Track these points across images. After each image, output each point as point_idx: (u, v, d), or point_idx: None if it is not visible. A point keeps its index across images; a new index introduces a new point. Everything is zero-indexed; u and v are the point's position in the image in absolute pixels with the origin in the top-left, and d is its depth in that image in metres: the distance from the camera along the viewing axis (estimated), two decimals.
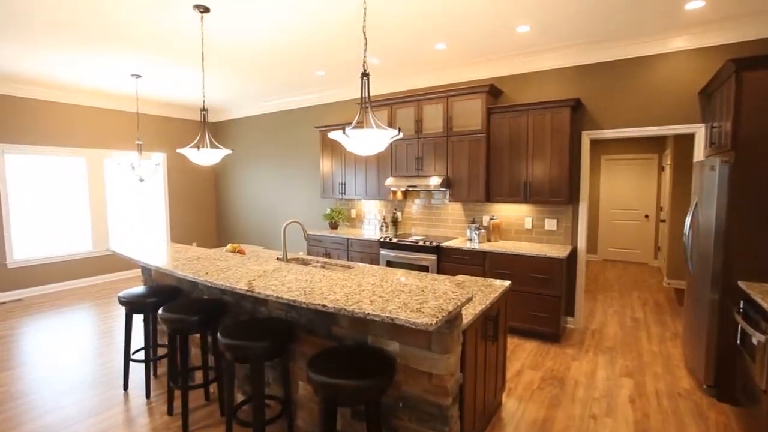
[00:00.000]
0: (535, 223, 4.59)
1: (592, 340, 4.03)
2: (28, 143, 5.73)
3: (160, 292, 2.98)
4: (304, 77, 5.40)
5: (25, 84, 5.53)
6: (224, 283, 2.18)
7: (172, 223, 7.48)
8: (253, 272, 2.42)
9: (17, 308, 5.25)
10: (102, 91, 5.97)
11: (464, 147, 4.59)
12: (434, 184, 4.64)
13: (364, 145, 2.25)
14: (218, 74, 5.15)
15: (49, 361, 3.62)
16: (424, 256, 4.60)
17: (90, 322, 4.67)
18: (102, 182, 6.50)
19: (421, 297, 1.88)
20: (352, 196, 5.60)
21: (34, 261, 5.84)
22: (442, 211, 5.21)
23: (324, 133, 5.81)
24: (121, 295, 2.92)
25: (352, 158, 5.55)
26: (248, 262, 2.72)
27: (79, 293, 5.90)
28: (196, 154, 3.12)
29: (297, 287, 2.07)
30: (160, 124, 7.23)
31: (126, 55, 4.37)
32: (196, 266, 2.62)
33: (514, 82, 4.67)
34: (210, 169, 8.11)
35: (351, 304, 1.77)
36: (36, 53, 4.26)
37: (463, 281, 2.79)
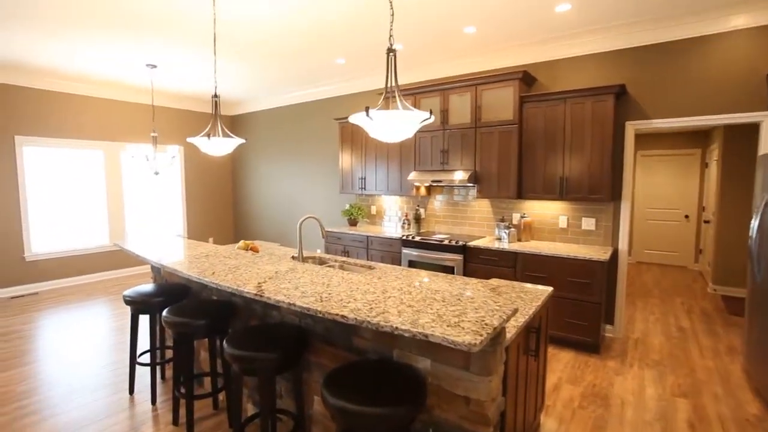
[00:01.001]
0: (570, 222, 4.22)
1: (636, 351, 3.65)
2: (46, 135, 5.66)
3: (168, 292, 2.77)
4: (324, 66, 5.14)
5: (42, 76, 5.45)
6: (231, 285, 1.94)
7: (188, 218, 7.37)
8: (264, 273, 2.17)
9: (32, 302, 5.19)
10: (118, 82, 5.86)
11: (494, 139, 4.25)
12: (461, 179, 4.32)
13: (389, 129, 1.96)
14: (235, 64, 4.94)
15: (57, 360, 3.48)
16: (450, 256, 4.29)
17: (102, 318, 4.55)
18: (119, 175, 6.41)
19: (458, 307, 1.59)
20: (373, 192, 5.33)
21: (51, 254, 5.78)
22: (468, 208, 4.88)
23: (344, 125, 5.54)
24: (127, 294, 2.72)
25: (373, 152, 5.27)
26: (260, 261, 2.48)
27: (93, 288, 5.82)
28: (206, 143, 2.90)
29: (312, 292, 1.80)
30: (177, 116, 7.11)
31: (141, 44, 4.19)
32: (203, 265, 2.39)
33: (549, 68, 4.30)
34: (227, 163, 7.96)
35: (375, 316, 1.49)
36: (51, 43, 4.13)
37: (498, 286, 2.48)
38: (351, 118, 2.01)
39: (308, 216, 2.92)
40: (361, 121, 1.95)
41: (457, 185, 4.77)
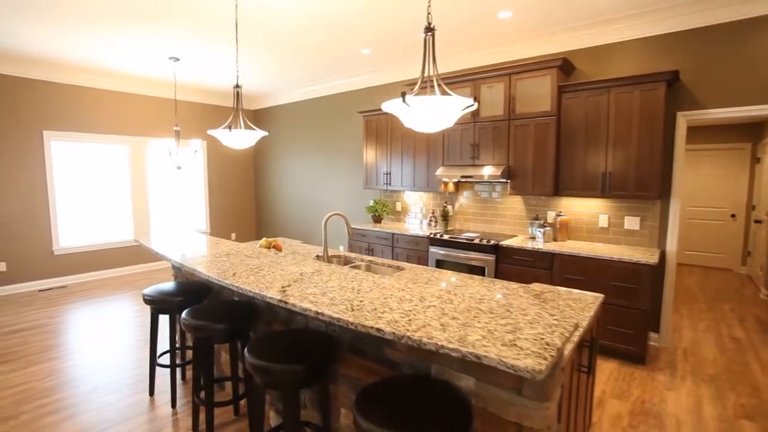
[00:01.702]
0: (612, 221, 3.92)
1: (686, 363, 3.35)
2: (73, 130, 5.69)
3: (188, 291, 2.65)
4: (348, 57, 4.95)
5: (68, 71, 5.46)
6: (253, 288, 1.78)
7: (211, 213, 7.35)
8: (288, 275, 2.01)
9: (60, 295, 5.23)
10: (142, 76, 5.84)
11: (529, 132, 3.98)
12: (492, 175, 4.07)
13: (427, 118, 1.76)
14: (257, 57, 4.81)
15: (80, 356, 3.44)
16: (480, 256, 4.05)
17: (125, 313, 4.52)
18: (144, 170, 6.42)
19: (510, 321, 1.38)
20: (398, 188, 5.13)
21: (79, 248, 5.83)
22: (499, 205, 4.63)
23: (368, 119, 5.35)
24: (146, 294, 2.61)
25: (399, 146, 5.06)
26: (283, 261, 2.32)
27: (119, 282, 5.84)
28: (228, 136, 2.76)
29: (342, 298, 1.62)
30: (199, 110, 7.07)
31: (164, 36, 4.10)
32: (223, 264, 2.25)
33: (589, 55, 3.99)
34: (250, 158, 7.90)
35: (416, 330, 1.30)
36: (77, 38, 4.08)
37: (542, 292, 2.25)
38: (385, 105, 1.81)
39: (334, 213, 2.75)
40: (396, 108, 1.75)
41: (488, 181, 4.52)
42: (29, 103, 5.33)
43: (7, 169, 5.21)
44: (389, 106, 1.79)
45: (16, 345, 3.69)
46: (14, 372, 3.18)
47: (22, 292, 5.35)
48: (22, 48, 4.55)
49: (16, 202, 5.30)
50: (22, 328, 4.12)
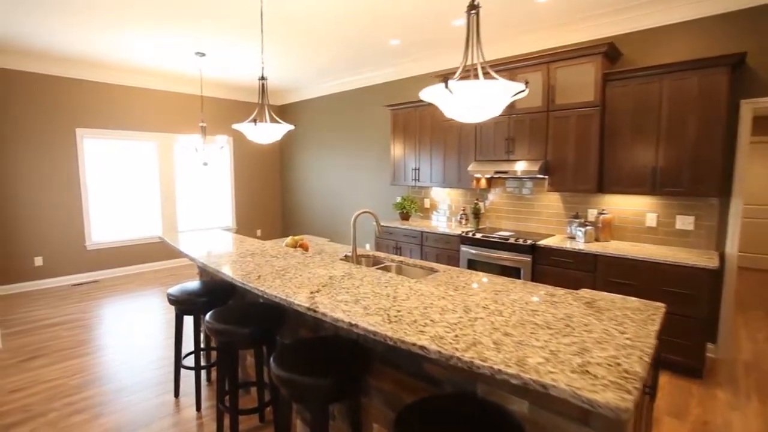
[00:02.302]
0: (661, 220, 3.61)
1: (749, 379, 3.03)
2: (103, 127, 5.76)
3: (213, 291, 2.56)
4: (376, 48, 4.78)
5: (99, 68, 5.52)
6: (279, 293, 1.65)
7: (237, 209, 7.35)
8: (316, 278, 1.87)
9: (92, 290, 5.31)
10: (169, 73, 5.85)
11: (570, 125, 3.71)
12: (529, 171, 3.82)
13: (472, 106, 1.57)
14: (282, 51, 4.70)
15: (110, 353, 3.43)
16: (516, 257, 3.82)
17: (154, 310, 4.53)
18: (171, 167, 6.46)
19: (573, 339, 1.19)
20: (427, 184, 4.93)
21: (109, 244, 5.93)
22: (534, 202, 4.36)
23: (396, 112, 5.17)
24: (171, 294, 2.54)
25: (428, 141, 4.86)
26: (311, 263, 2.19)
27: (147, 277, 5.91)
28: (253, 130, 2.64)
29: (376, 307, 1.46)
30: (225, 106, 7.07)
31: (190, 31, 4.04)
32: (247, 266, 2.13)
33: (636, 40, 3.67)
34: (275, 154, 7.86)
35: (465, 349, 1.12)
36: (107, 35, 4.08)
37: (593, 299, 2.02)
38: (424, 93, 1.63)
39: (363, 211, 2.59)
40: (436, 96, 1.57)
41: (524, 177, 4.26)
42: (63, 101, 5.42)
43: (44, 166, 5.32)
44: (429, 93, 1.61)
45: (50, 339, 3.74)
46: (47, 367, 3.20)
47: (58, 286, 5.47)
48: (57, 47, 4.60)
49: (52, 198, 5.42)
50: (56, 322, 4.18)
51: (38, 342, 3.67)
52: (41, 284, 5.40)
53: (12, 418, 2.56)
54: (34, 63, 5.10)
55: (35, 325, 4.10)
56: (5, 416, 2.59)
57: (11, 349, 3.54)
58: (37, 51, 4.80)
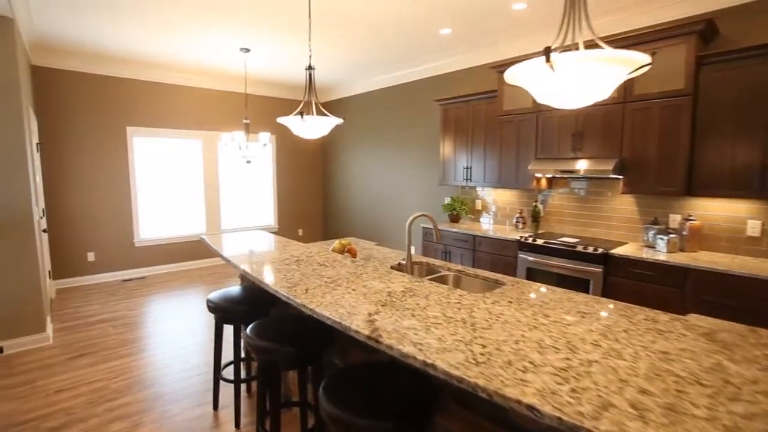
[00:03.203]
0: (766, 228, 3.05)
1: None
2: (151, 126, 5.83)
3: (255, 298, 2.36)
4: (426, 39, 4.46)
5: (148, 67, 5.58)
6: (332, 315, 1.39)
7: (279, 208, 7.28)
8: (372, 294, 1.60)
9: (140, 287, 5.37)
10: (214, 70, 5.82)
11: (652, 117, 3.23)
12: (600, 170, 3.38)
13: (579, 84, 1.23)
14: (326, 45, 4.50)
15: (152, 355, 3.36)
16: (584, 267, 3.39)
17: (196, 310, 4.47)
18: (215, 164, 6.47)
19: (749, 406, 0.83)
20: (480, 184, 4.57)
21: (156, 241, 6.00)
22: (602, 205, 3.89)
23: (447, 108, 4.83)
24: (211, 300, 2.36)
25: (482, 137, 4.49)
26: (363, 273, 1.92)
27: (191, 275, 5.92)
28: (299, 124, 2.42)
29: (454, 339, 1.17)
30: (268, 104, 7.00)
31: (235, 27, 3.92)
32: (293, 275, 1.90)
33: (736, 16, 3.13)
34: (318, 152, 7.73)
35: (596, 415, 0.80)
36: (156, 34, 4.05)
37: (712, 330, 1.61)
38: (515, 71, 1.31)
39: (420, 214, 2.30)
40: (528, 75, 1.25)
41: (591, 177, 3.80)
42: (115, 101, 5.52)
43: (98, 164, 5.44)
44: (517, 73, 1.28)
45: (98, 336, 3.73)
46: (92, 367, 3.15)
47: (108, 282, 5.58)
48: (109, 47, 4.65)
49: (104, 195, 5.53)
50: (104, 318, 4.20)
51: (86, 339, 3.67)
52: (93, 279, 5.54)
53: (54, 422, 2.49)
54: (88, 63, 5.21)
55: (85, 321, 4.13)
56: (48, 419, 2.52)
57: (62, 345, 3.56)
58: (91, 52, 4.88)
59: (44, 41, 4.54)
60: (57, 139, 5.15)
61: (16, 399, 2.73)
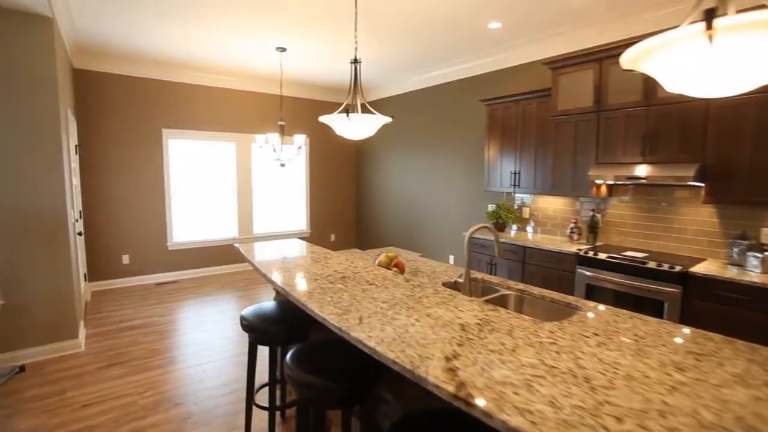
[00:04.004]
0: None
1: None
2: (186, 128, 5.78)
3: (293, 316, 2.12)
4: (473, 34, 4.15)
5: (183, 69, 5.53)
6: (399, 359, 1.10)
7: (311, 213, 7.11)
8: (442, 327, 1.31)
9: (173, 290, 5.29)
10: (249, 72, 5.72)
11: (744, 115, 2.80)
12: (679, 176, 2.97)
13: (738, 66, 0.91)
14: (365, 43, 4.26)
15: (181, 368, 3.19)
16: (657, 286, 2.98)
17: (227, 319, 4.31)
18: (248, 167, 6.36)
19: None
20: (529, 190, 4.20)
21: (189, 244, 5.93)
22: (674, 216, 3.45)
23: (493, 108, 4.50)
24: (245, 317, 2.13)
25: (532, 140, 4.13)
26: (423, 296, 1.64)
27: (223, 280, 5.81)
28: (344, 123, 2.17)
29: (571, 405, 0.86)
30: (303, 106, 6.86)
31: (271, 24, 3.75)
32: (341, 297, 1.64)
33: None
34: (352, 154, 7.52)
35: None
36: (192, 34, 3.94)
37: None
38: (637, 51, 1.00)
39: (481, 226, 2.01)
40: (676, 47, 0.93)
41: (666, 184, 3.37)
42: (152, 103, 5.49)
43: (134, 166, 5.43)
44: (655, 48, 0.97)
45: (128, 345, 3.61)
46: (121, 379, 3.01)
47: (142, 285, 5.54)
48: (147, 48, 4.60)
49: (140, 198, 5.51)
50: (136, 325, 4.09)
51: (117, 347, 3.56)
52: (127, 282, 5.51)
53: None
54: (126, 66, 5.20)
55: (117, 326, 4.04)
56: None
57: (93, 352, 3.45)
58: (129, 54, 4.85)
59: (84, 44, 4.53)
60: (95, 142, 5.15)
61: (45, 412, 2.60)
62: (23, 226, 3.17)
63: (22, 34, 3.07)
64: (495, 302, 2.30)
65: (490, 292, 2.37)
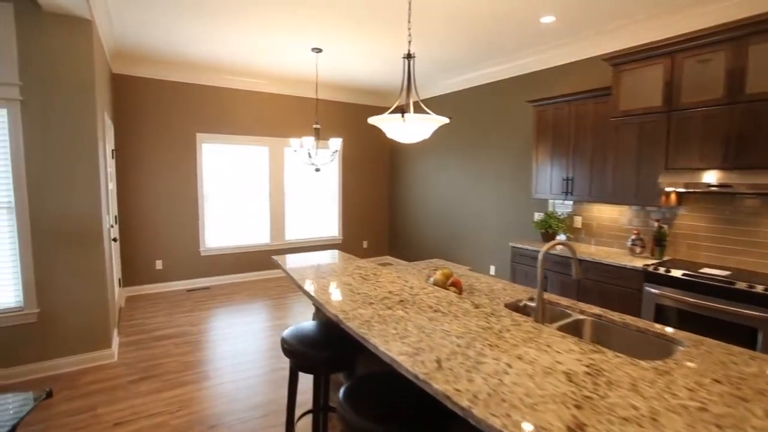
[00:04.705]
0: None
1: None
2: (219, 132, 5.71)
3: (338, 342, 1.89)
4: (524, 29, 3.85)
5: (217, 72, 5.47)
6: (504, 425, 0.84)
7: (343, 219, 6.93)
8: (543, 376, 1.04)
9: (204, 298, 5.20)
10: (283, 74, 5.60)
11: None
12: None
13: None
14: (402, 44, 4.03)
15: (214, 384, 3.03)
16: (749, 311, 2.59)
17: (262, 329, 4.15)
18: (281, 172, 6.24)
19: None
20: (583, 198, 3.85)
21: (221, 250, 5.85)
22: (759, 229, 3.03)
23: (542, 109, 4.18)
24: (286, 340, 1.92)
25: (587, 143, 3.79)
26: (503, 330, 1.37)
27: (254, 287, 5.69)
28: (397, 125, 1.94)
29: None
30: (339, 109, 6.70)
31: (307, 24, 3.58)
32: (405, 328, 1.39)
33: None
34: (385, 159, 7.29)
35: None
36: (227, 36, 3.83)
37: None
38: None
39: (556, 242, 1.74)
40: None
41: (757, 192, 2.97)
42: (186, 107, 5.45)
43: (168, 171, 5.39)
44: None
45: (160, 356, 3.49)
46: (153, 395, 2.87)
47: (174, 291, 5.48)
48: (182, 52, 4.54)
49: (174, 202, 5.47)
50: (168, 334, 3.99)
51: (149, 358, 3.44)
52: (160, 287, 5.46)
53: None
54: (162, 70, 5.18)
55: (150, 335, 3.94)
56: None
57: (125, 363, 3.34)
58: (165, 57, 4.81)
59: (122, 48, 4.51)
60: (130, 146, 5.13)
61: (75, 431, 2.47)
62: (58, 231, 3.09)
63: (61, 36, 3.01)
64: (568, 329, 2.01)
65: (561, 317, 2.08)
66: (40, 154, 3.01)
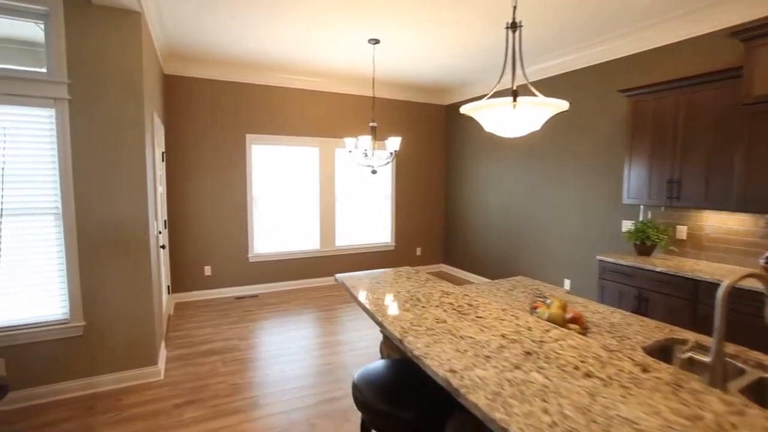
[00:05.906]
0: None
1: None
2: (269, 133, 5.48)
3: (424, 396, 1.44)
4: (612, 5, 3.24)
5: (268, 71, 5.24)
6: None
7: (396, 224, 6.50)
8: None
9: (252, 306, 4.97)
10: (337, 71, 5.28)
11: None
12: None
13: None
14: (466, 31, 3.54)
15: (265, 417, 2.69)
16: None
17: (313, 346, 3.81)
18: (332, 175, 5.93)
19: None
20: (696, 204, 3.18)
21: (269, 256, 5.62)
22: None
23: (639, 100, 3.53)
24: (357, 385, 1.51)
25: (700, 139, 3.11)
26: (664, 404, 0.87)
27: (305, 296, 5.39)
28: (504, 113, 1.47)
29: None
30: (395, 108, 6.28)
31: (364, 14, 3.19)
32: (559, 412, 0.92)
33: None
34: (441, 160, 6.78)
35: None
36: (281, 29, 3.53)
37: None
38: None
39: (747, 274, 1.19)
40: None
41: None
42: (236, 107, 5.26)
43: (218, 173, 5.22)
44: None
45: (207, 375, 3.21)
46: (198, 425, 2.56)
47: (222, 298, 5.30)
48: (232, 49, 4.32)
49: (223, 207, 5.29)
50: (215, 348, 3.74)
51: (196, 377, 3.18)
52: (209, 294, 5.30)
53: None
54: (211, 69, 5.01)
55: (197, 349, 3.71)
56: None
57: (171, 383, 3.09)
58: (214, 56, 4.62)
59: (173, 48, 4.36)
60: (180, 149, 5.00)
61: None
62: (103, 239, 2.89)
63: (109, 31, 2.81)
64: (747, 393, 1.44)
65: (738, 374, 1.51)
66: (86, 158, 2.81)
